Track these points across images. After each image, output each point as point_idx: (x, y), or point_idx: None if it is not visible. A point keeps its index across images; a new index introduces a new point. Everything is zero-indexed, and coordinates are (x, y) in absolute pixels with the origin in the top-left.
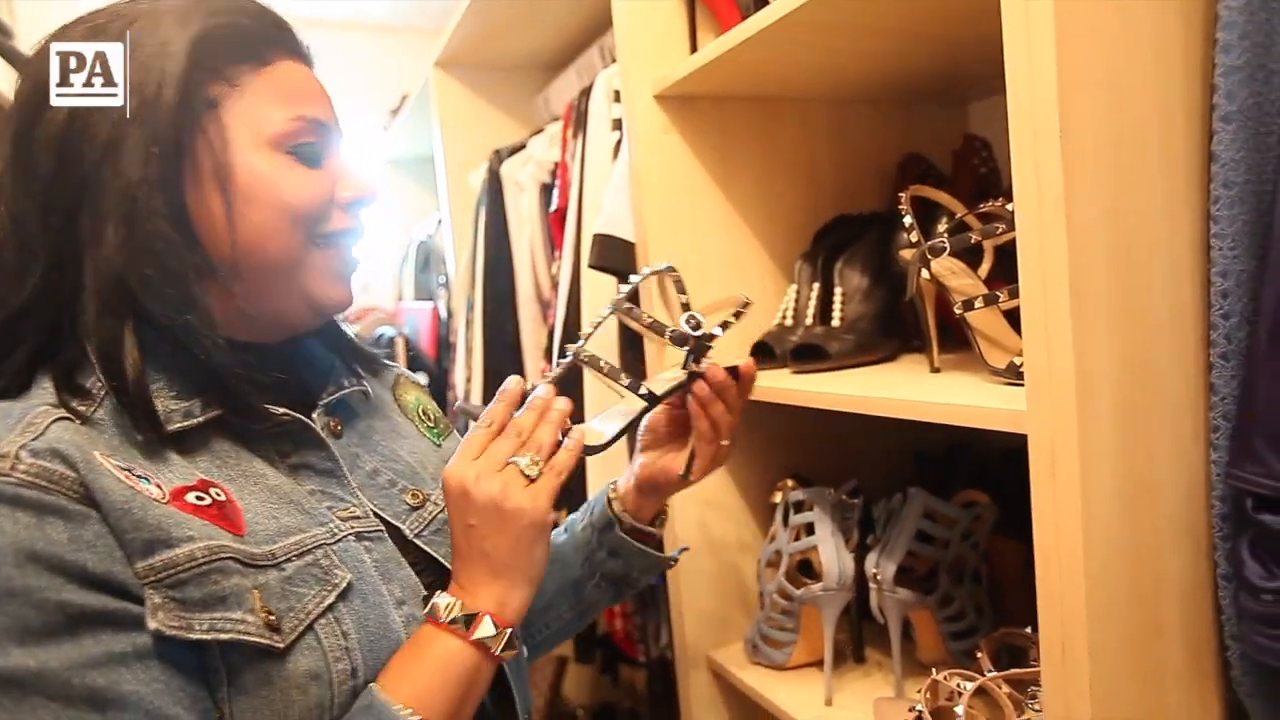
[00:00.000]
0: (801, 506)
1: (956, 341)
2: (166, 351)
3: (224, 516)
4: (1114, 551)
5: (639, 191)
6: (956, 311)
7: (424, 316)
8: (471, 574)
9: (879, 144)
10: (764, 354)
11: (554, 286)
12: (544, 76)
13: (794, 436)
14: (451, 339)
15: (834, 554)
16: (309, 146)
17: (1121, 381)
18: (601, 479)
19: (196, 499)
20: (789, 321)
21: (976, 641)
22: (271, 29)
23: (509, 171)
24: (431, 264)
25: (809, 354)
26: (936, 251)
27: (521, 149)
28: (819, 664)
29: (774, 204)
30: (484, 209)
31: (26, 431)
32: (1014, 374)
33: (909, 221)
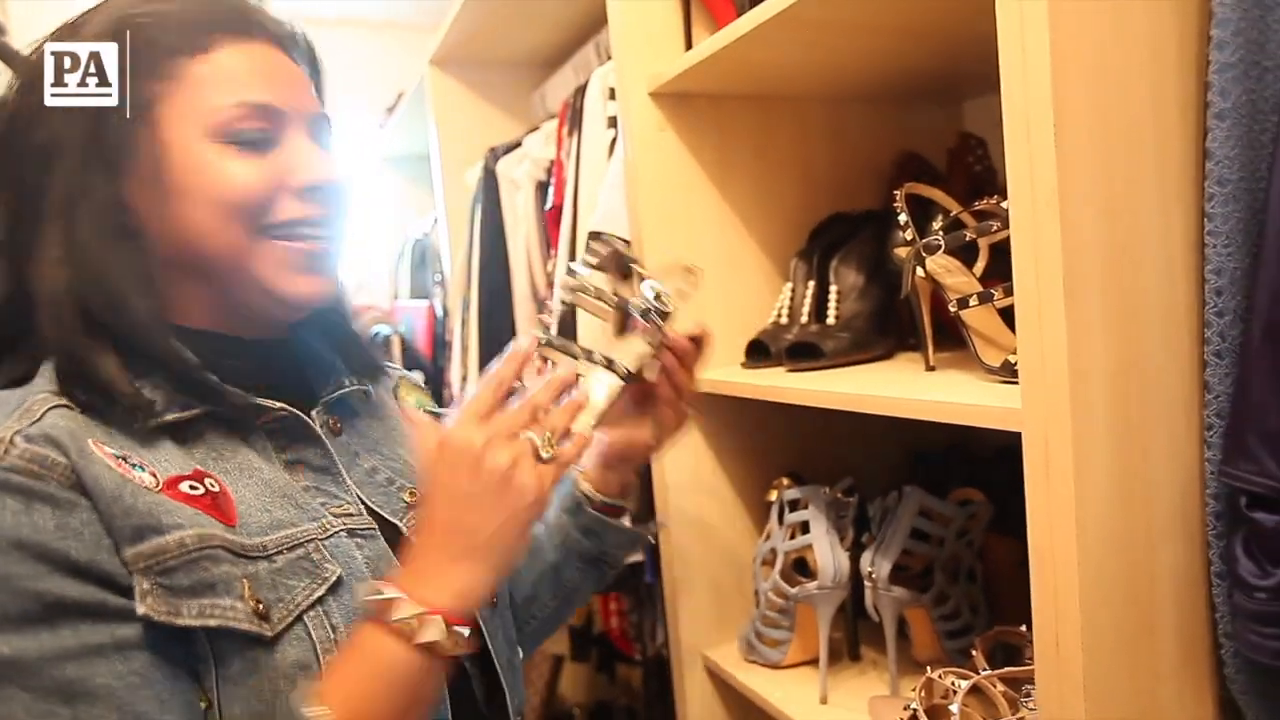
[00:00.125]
0: (797, 505)
1: (952, 339)
2: (176, 344)
3: (216, 507)
4: (1108, 549)
5: (634, 189)
6: (951, 309)
7: (420, 314)
8: (439, 555)
9: (875, 142)
10: (759, 352)
11: (549, 284)
12: (540, 74)
13: (789, 435)
14: (447, 337)
15: (829, 552)
16: (252, 132)
17: (1116, 379)
18: None
19: (190, 488)
20: (784, 320)
21: (971, 640)
22: (216, 12)
23: (505, 169)
24: (427, 262)
25: (804, 352)
26: (931, 249)
27: (517, 147)
28: (814, 662)
29: (769, 202)
30: (480, 207)
31: (23, 418)
32: (1009, 372)
33: (904, 219)
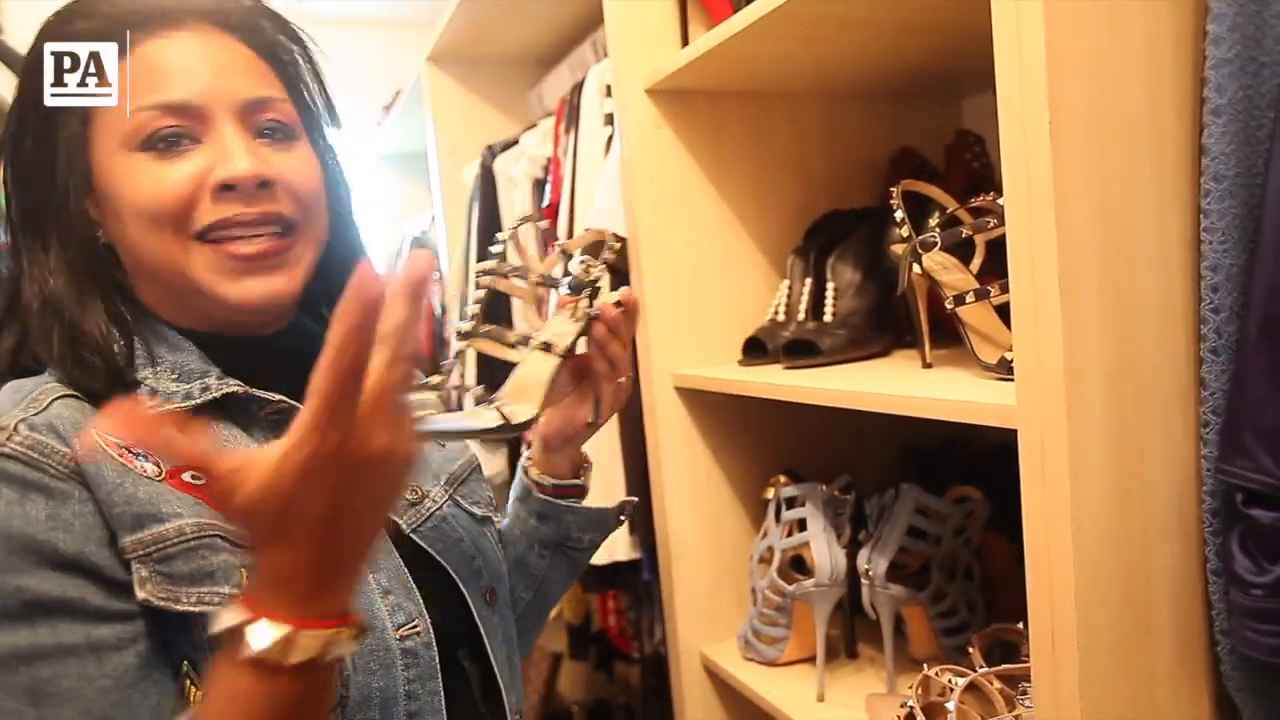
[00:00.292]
0: (794, 502)
1: (949, 336)
2: (173, 336)
3: None
4: (1104, 547)
5: (630, 186)
6: (948, 306)
7: None
8: (285, 565)
9: (871, 139)
10: (756, 349)
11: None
12: (537, 71)
13: (786, 432)
14: (445, 334)
15: (826, 550)
16: (165, 135)
17: (1111, 376)
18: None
19: (192, 478)
20: (781, 317)
21: (968, 637)
22: (136, 8)
23: (502, 167)
24: None
25: (801, 349)
26: (928, 246)
27: (514, 144)
28: (811, 660)
29: (766, 199)
30: (477, 204)
31: (30, 407)
32: (1005, 369)
33: (900, 216)
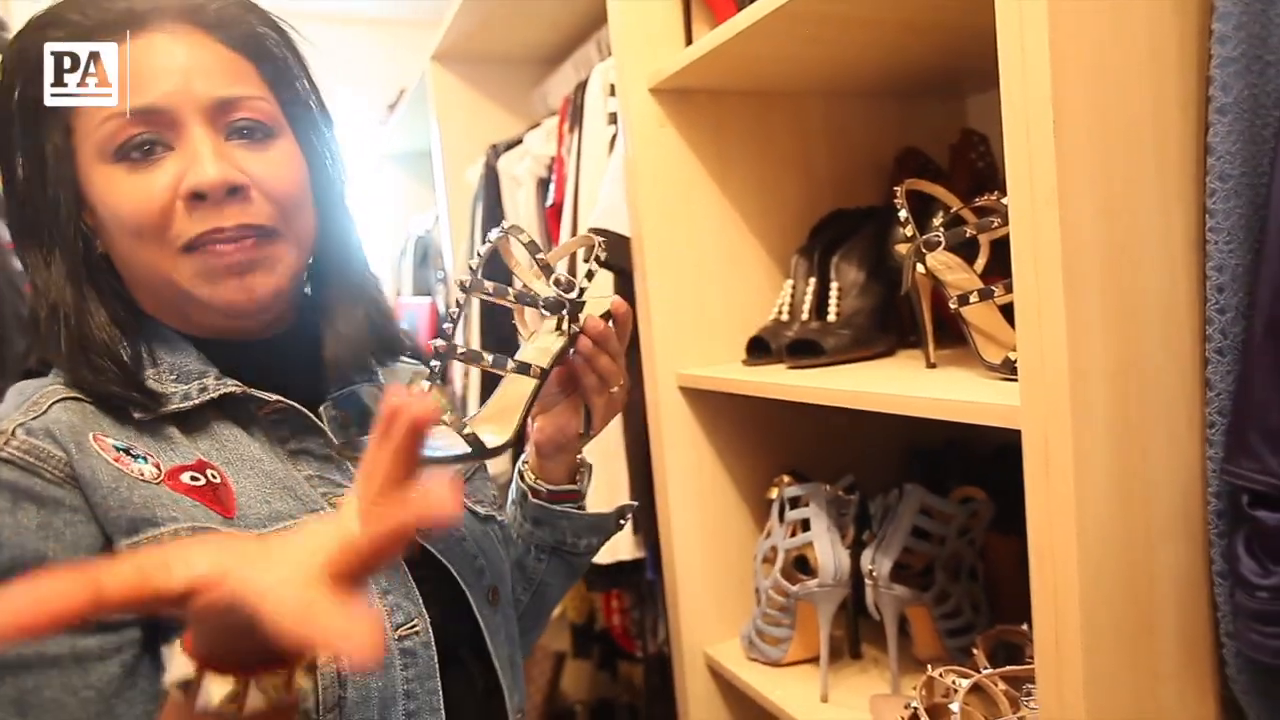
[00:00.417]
0: (797, 502)
1: (953, 336)
2: (173, 338)
3: (216, 499)
4: (1108, 548)
5: (634, 185)
6: (952, 306)
7: (422, 311)
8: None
9: (876, 138)
10: (760, 349)
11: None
12: (541, 70)
13: (790, 432)
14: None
15: (830, 550)
16: (135, 144)
17: (1116, 376)
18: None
19: (191, 479)
20: (785, 317)
21: (973, 638)
22: (104, 13)
23: (506, 166)
24: (430, 259)
25: (805, 349)
26: (931, 246)
27: (518, 143)
28: (815, 660)
29: (770, 198)
30: (481, 204)
31: (30, 411)
32: (1009, 369)
33: (904, 216)
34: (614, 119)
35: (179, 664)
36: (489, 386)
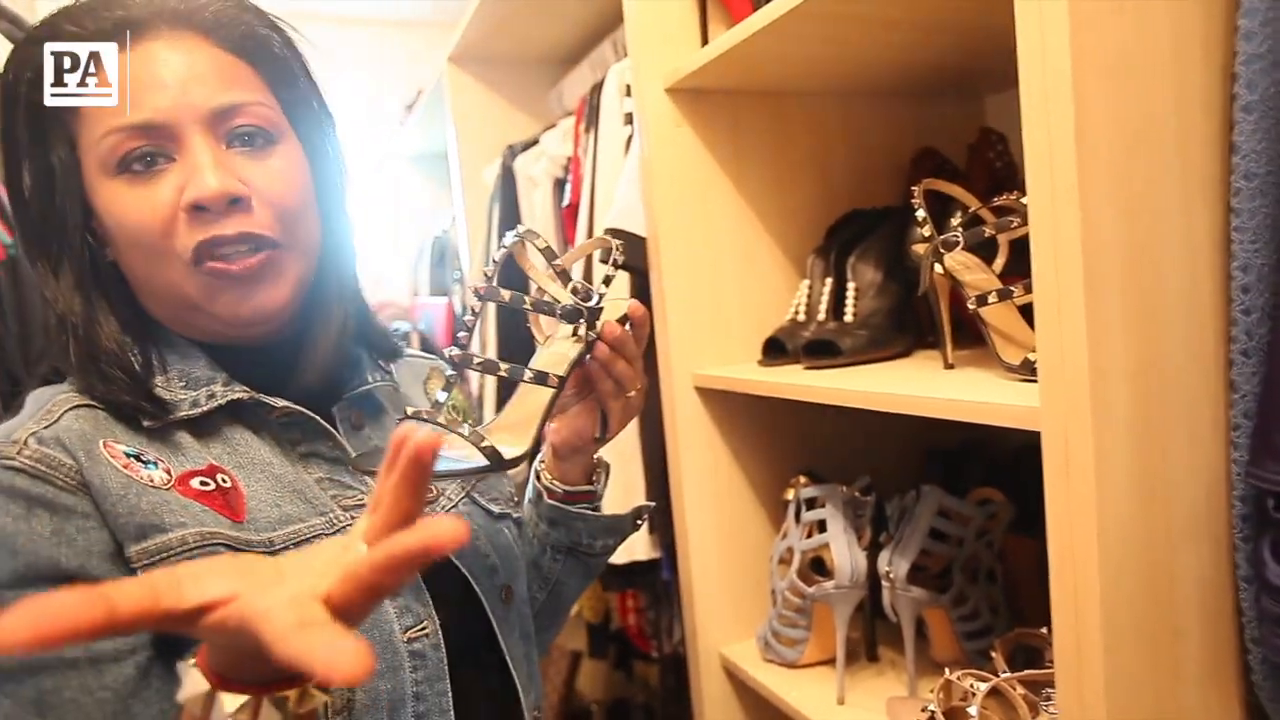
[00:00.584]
0: (813, 503)
1: (971, 337)
2: (181, 344)
3: (226, 503)
4: (1129, 550)
5: (650, 186)
6: (970, 307)
7: (439, 311)
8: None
9: (893, 138)
10: (776, 350)
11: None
12: (558, 71)
13: (806, 433)
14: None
15: (846, 551)
16: (135, 157)
17: (1137, 378)
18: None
19: (201, 484)
20: (801, 317)
21: (991, 641)
22: (102, 22)
23: (522, 166)
24: (446, 259)
25: (821, 350)
26: (950, 246)
27: (535, 144)
28: (831, 662)
29: (786, 198)
30: (497, 204)
31: (43, 419)
32: (1028, 370)
33: (922, 216)
34: (630, 119)
35: (192, 680)
36: (505, 387)
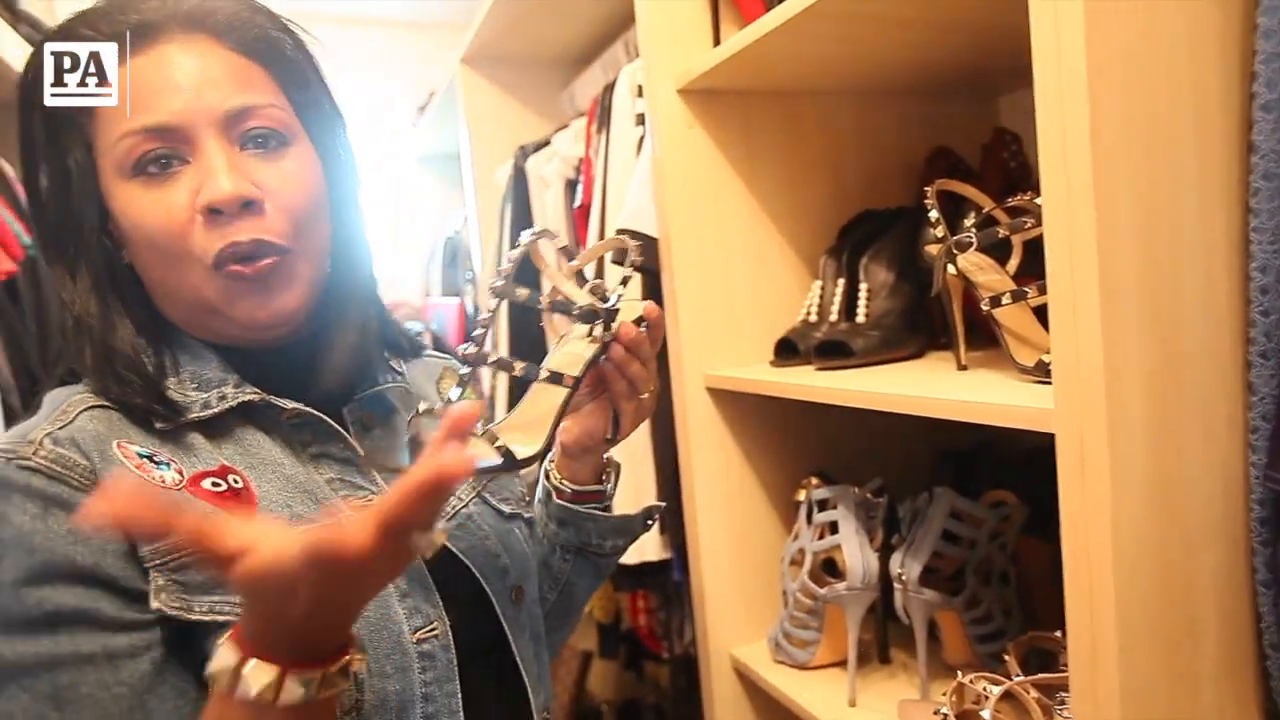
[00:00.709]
0: (825, 505)
1: (984, 338)
2: (194, 345)
3: (238, 504)
4: (1145, 554)
5: (662, 186)
6: (984, 308)
7: (451, 312)
8: (279, 626)
9: (906, 138)
10: (788, 350)
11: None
12: (569, 72)
13: (818, 434)
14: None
15: (858, 553)
16: (150, 160)
17: (1153, 380)
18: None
19: (213, 485)
20: (813, 318)
21: (1004, 644)
22: (117, 25)
23: (534, 167)
24: (459, 260)
25: (833, 350)
26: (963, 246)
27: (546, 145)
28: (843, 664)
29: (798, 199)
30: (509, 205)
31: (58, 420)
32: (1042, 372)
33: (935, 216)
34: (641, 120)
35: (223, 654)
36: (517, 387)
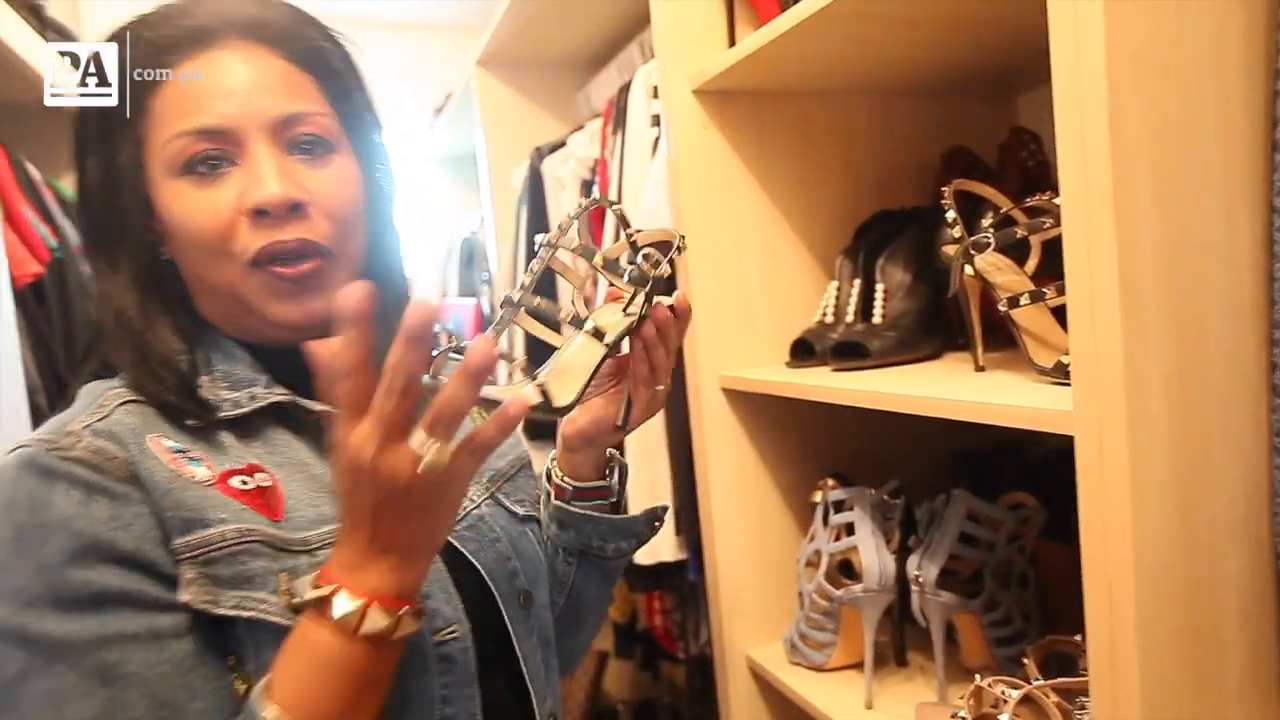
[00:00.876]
0: (842, 506)
1: (1002, 339)
2: (227, 344)
3: (264, 502)
4: (1166, 557)
5: (677, 187)
6: (1001, 309)
7: (468, 313)
8: (365, 550)
9: (922, 137)
10: (804, 351)
11: (594, 283)
12: (585, 73)
13: (834, 435)
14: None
15: (875, 555)
16: (200, 160)
17: (1173, 381)
18: (641, 465)
19: (241, 483)
20: (829, 319)
21: (1023, 648)
22: (176, 31)
23: (550, 168)
24: (475, 261)
25: (850, 351)
26: (980, 247)
27: (562, 146)
28: (859, 666)
29: (814, 199)
30: (525, 206)
31: (96, 413)
32: (1061, 373)
33: (952, 216)
34: (657, 121)
35: (312, 588)
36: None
